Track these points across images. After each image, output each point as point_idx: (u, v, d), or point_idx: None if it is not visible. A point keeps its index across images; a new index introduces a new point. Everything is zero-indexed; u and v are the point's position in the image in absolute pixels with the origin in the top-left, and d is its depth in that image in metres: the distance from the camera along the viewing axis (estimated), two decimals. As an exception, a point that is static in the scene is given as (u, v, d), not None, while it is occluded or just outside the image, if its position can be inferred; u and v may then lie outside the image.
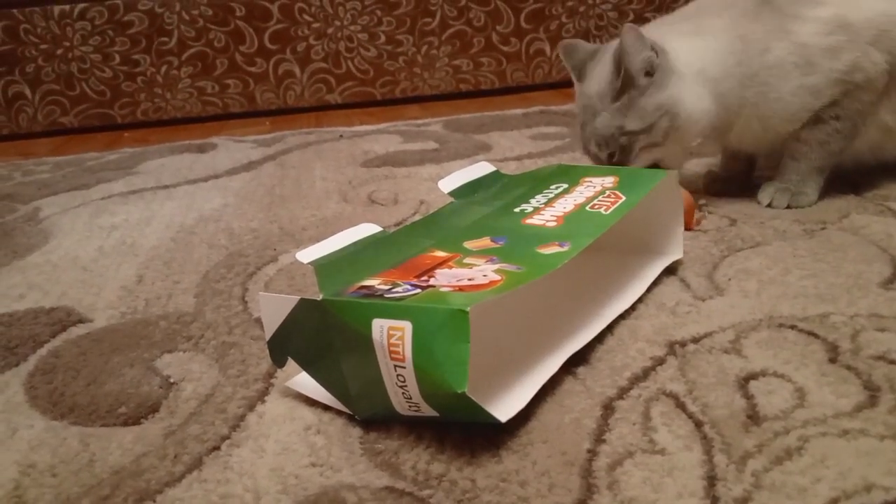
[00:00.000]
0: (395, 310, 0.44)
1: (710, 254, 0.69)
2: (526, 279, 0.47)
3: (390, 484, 0.42)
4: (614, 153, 0.78)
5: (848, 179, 0.83)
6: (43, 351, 0.61)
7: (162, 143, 1.42)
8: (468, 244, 0.55)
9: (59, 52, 1.59)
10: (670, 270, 0.66)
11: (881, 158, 0.83)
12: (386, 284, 0.47)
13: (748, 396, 0.47)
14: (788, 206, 0.79)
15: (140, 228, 0.91)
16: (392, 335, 0.43)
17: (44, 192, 1.12)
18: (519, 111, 1.45)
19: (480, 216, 0.60)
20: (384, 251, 0.54)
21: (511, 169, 1.02)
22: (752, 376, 0.49)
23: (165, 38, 1.60)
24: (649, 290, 0.62)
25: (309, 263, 0.50)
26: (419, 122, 1.43)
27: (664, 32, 0.79)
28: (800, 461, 0.41)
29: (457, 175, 0.67)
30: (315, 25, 1.63)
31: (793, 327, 0.55)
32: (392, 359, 0.43)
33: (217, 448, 0.46)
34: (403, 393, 0.44)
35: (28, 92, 1.61)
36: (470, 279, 0.48)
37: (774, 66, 0.75)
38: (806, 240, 0.71)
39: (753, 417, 0.45)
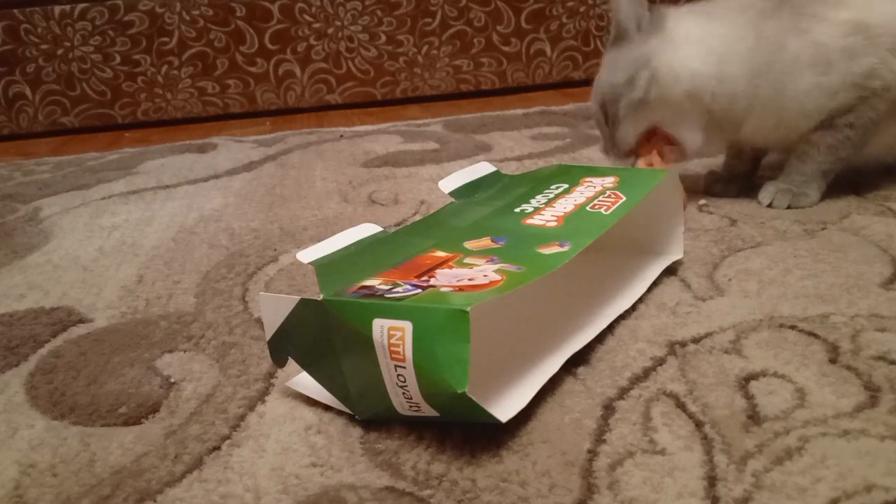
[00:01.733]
0: (395, 310, 0.44)
1: (710, 254, 0.69)
2: (526, 279, 0.47)
3: (391, 484, 0.42)
4: (607, 111, 0.81)
5: (848, 180, 0.83)
6: (43, 351, 0.61)
7: (162, 143, 1.42)
8: (469, 244, 0.55)
9: (60, 52, 1.59)
10: (670, 270, 0.66)
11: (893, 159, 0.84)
12: (386, 284, 0.47)
13: (748, 397, 0.47)
14: (789, 207, 0.79)
15: (140, 228, 0.91)
16: (392, 335, 0.43)
17: (44, 192, 1.12)
18: (519, 111, 1.45)
19: (481, 216, 0.61)
20: (385, 251, 0.54)
21: (511, 169, 1.02)
22: (753, 376, 0.49)
23: (166, 39, 1.60)
24: (650, 290, 0.62)
25: (309, 263, 0.50)
26: (419, 122, 1.43)
27: (679, 10, 0.81)
28: (800, 461, 0.41)
29: (457, 175, 0.67)
30: (315, 26, 1.63)
31: (793, 327, 0.55)
32: (392, 359, 0.43)
33: (217, 448, 0.46)
34: (404, 393, 0.44)
35: (28, 92, 1.61)
36: (470, 279, 0.48)
37: (789, 62, 0.75)
38: (806, 240, 0.71)
39: (754, 418, 0.45)
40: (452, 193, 0.65)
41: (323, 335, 0.47)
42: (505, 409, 0.44)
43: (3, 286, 0.76)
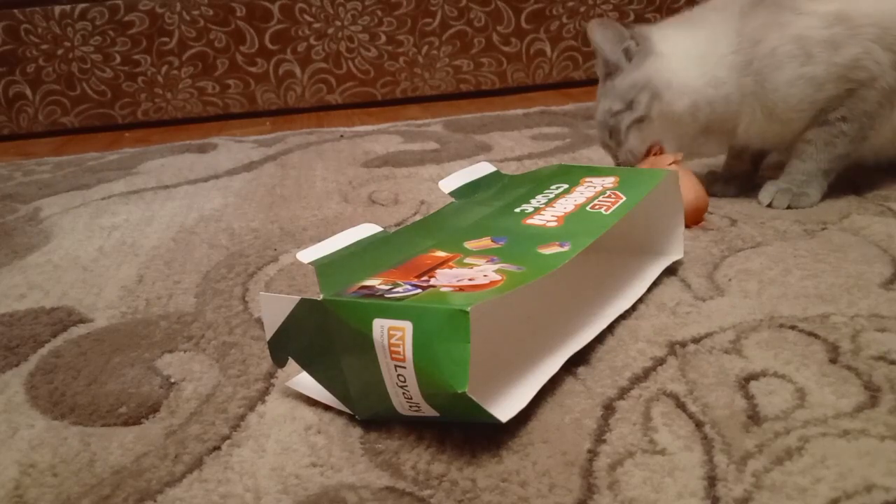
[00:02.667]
0: (395, 310, 0.44)
1: (710, 254, 0.69)
2: (526, 279, 0.47)
3: (391, 484, 0.42)
4: (612, 136, 0.83)
5: (848, 180, 0.83)
6: (44, 351, 0.61)
7: (162, 144, 1.42)
8: (469, 244, 0.55)
9: (60, 52, 1.59)
10: (671, 270, 0.66)
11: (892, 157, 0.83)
12: (386, 284, 0.47)
13: (748, 397, 0.47)
14: (789, 207, 0.79)
15: (141, 228, 0.91)
16: (392, 335, 0.43)
17: (44, 192, 1.12)
18: (519, 111, 1.45)
19: (481, 216, 0.61)
20: (385, 251, 0.54)
21: (511, 169, 1.02)
22: (753, 376, 0.49)
23: (166, 39, 1.60)
24: (650, 290, 0.62)
25: (309, 263, 0.50)
26: (419, 122, 1.43)
27: (659, 25, 0.84)
28: (800, 461, 0.41)
29: (457, 175, 0.67)
30: (316, 26, 1.63)
31: (793, 328, 0.55)
32: (392, 359, 0.43)
33: (218, 448, 0.46)
34: (404, 393, 0.44)
35: (29, 92, 1.61)
36: (470, 279, 0.48)
37: (766, 55, 0.76)
38: (806, 240, 0.71)
39: (754, 418, 0.45)
40: (452, 193, 0.65)
41: (323, 335, 0.47)
42: (505, 409, 0.44)
43: (3, 286, 0.76)
